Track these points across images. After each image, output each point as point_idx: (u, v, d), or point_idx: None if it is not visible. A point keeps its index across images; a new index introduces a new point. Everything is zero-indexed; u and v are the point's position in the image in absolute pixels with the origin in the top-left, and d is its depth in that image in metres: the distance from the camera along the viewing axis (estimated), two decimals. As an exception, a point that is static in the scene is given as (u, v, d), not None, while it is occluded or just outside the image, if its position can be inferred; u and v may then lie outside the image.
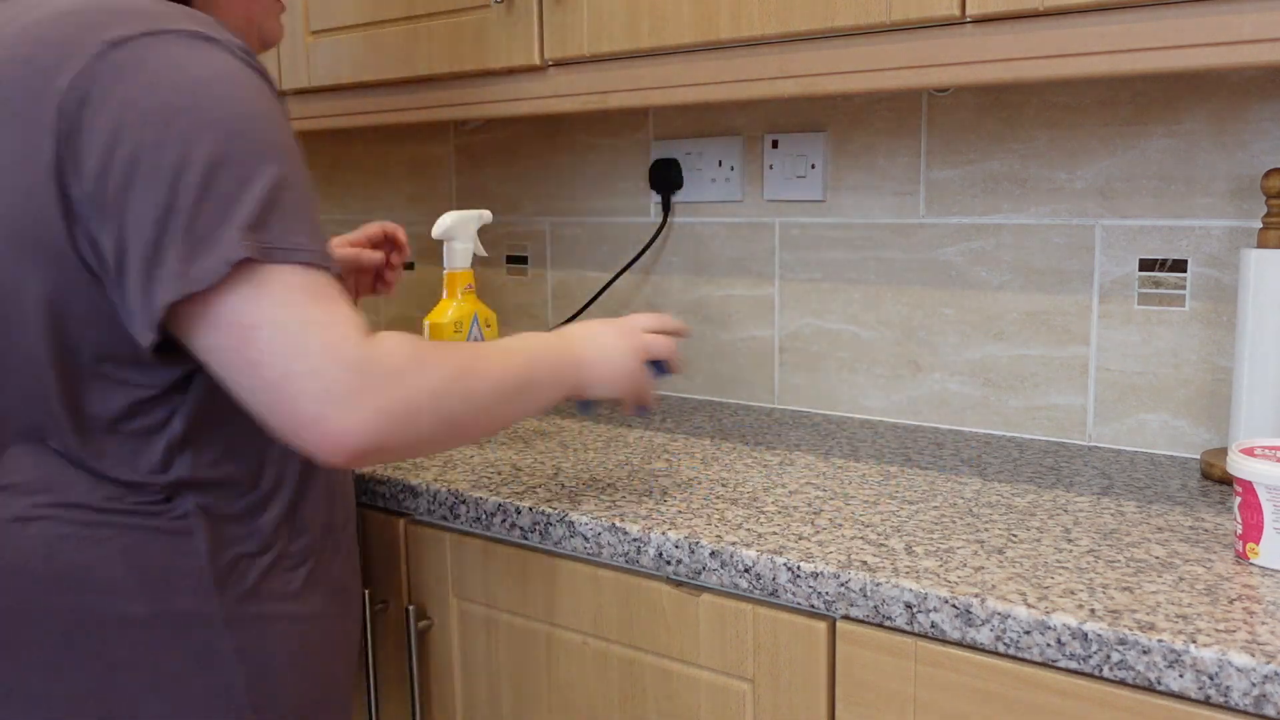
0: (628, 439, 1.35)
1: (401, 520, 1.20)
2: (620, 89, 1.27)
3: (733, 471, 1.19)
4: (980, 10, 1.00)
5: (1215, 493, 1.09)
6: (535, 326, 1.80)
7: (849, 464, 1.22)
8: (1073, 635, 0.78)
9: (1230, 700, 0.72)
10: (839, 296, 1.47)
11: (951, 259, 1.38)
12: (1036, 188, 1.31)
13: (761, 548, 0.94)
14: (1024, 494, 1.09)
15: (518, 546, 1.11)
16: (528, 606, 1.10)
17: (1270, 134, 1.16)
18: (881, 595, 0.86)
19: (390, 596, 1.23)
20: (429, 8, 1.43)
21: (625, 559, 1.01)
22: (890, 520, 1.01)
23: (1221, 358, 1.22)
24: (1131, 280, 1.26)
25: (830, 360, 1.49)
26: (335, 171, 2.07)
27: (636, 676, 1.03)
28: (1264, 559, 0.87)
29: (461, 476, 1.18)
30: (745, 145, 1.53)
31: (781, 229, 1.51)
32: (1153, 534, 0.96)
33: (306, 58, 1.59)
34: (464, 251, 1.33)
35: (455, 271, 1.32)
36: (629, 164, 1.66)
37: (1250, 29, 0.90)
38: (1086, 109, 1.26)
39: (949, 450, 1.28)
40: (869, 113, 1.42)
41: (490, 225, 1.84)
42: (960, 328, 1.38)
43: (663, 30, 1.21)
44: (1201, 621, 0.77)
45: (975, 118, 1.34)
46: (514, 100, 1.38)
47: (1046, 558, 0.90)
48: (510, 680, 1.14)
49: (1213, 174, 1.20)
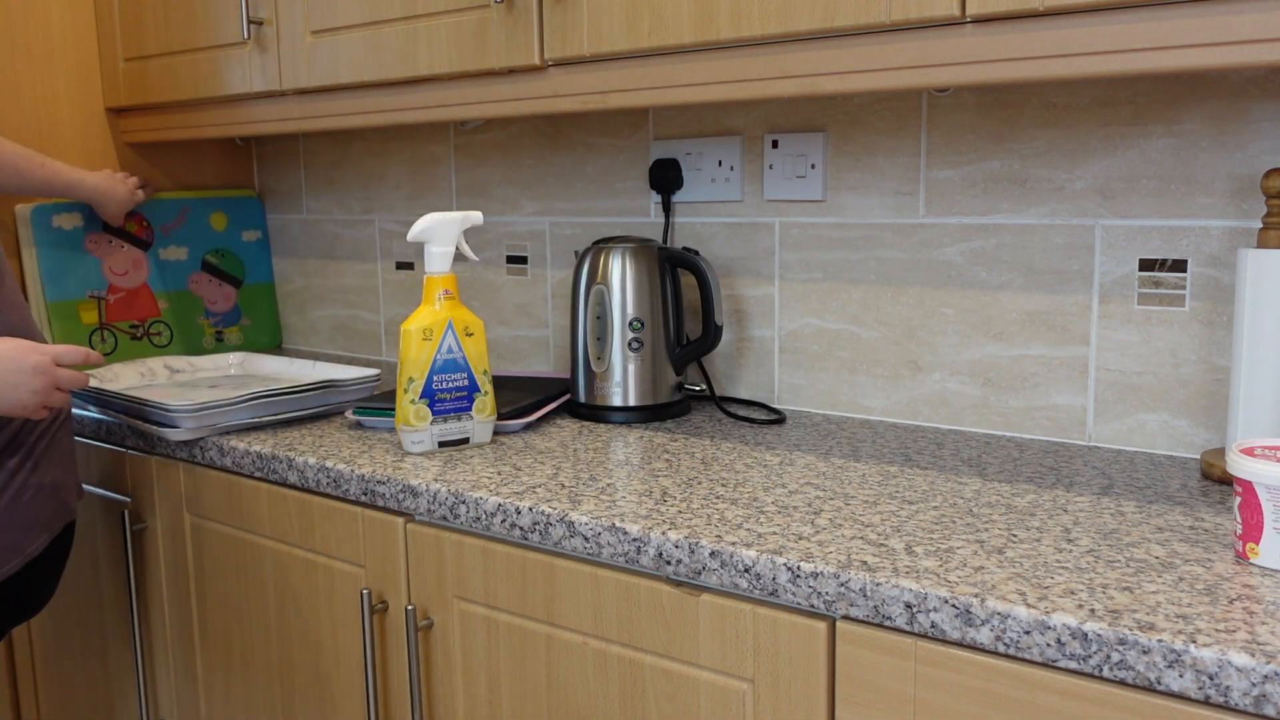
0: (628, 439, 1.35)
1: (401, 520, 1.20)
2: (620, 89, 1.27)
3: (733, 471, 1.19)
4: (980, 10, 1.00)
5: (1215, 493, 1.09)
6: (535, 326, 1.81)
7: (849, 464, 1.22)
8: (1073, 635, 0.78)
9: (1230, 700, 0.72)
10: (839, 296, 1.47)
11: (951, 259, 1.38)
12: (1036, 188, 1.31)
13: (761, 548, 0.94)
14: (1024, 494, 1.09)
15: (518, 546, 1.11)
16: (528, 606, 1.10)
17: (1270, 134, 1.16)
18: (881, 595, 0.86)
19: (390, 596, 1.23)
20: (429, 8, 1.43)
21: (625, 559, 1.01)
22: (890, 520, 1.01)
23: (1222, 358, 1.22)
24: (1131, 280, 1.26)
25: (830, 360, 1.49)
26: (335, 171, 2.07)
27: (636, 676, 1.03)
28: (1264, 559, 0.87)
29: (461, 476, 1.18)
30: (745, 145, 1.53)
31: (781, 229, 1.51)
32: (1153, 534, 0.96)
33: (306, 58, 1.59)
34: (443, 255, 1.30)
35: (433, 276, 1.30)
36: (629, 164, 1.66)
37: (1250, 29, 0.90)
38: (1086, 109, 1.26)
39: (949, 450, 1.28)
40: (869, 113, 1.42)
41: (490, 225, 1.84)
42: (960, 328, 1.38)
43: (663, 30, 1.21)
44: (1201, 621, 0.77)
45: (975, 118, 1.34)
46: (514, 100, 1.38)
47: (1046, 558, 0.90)
48: (510, 680, 1.14)
49: (1213, 174, 1.20)
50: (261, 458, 1.33)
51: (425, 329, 1.28)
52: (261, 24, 1.64)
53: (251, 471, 1.35)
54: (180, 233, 2.03)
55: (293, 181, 2.15)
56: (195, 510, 1.47)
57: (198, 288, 2.06)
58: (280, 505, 1.34)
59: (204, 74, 1.75)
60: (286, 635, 1.38)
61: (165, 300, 2.00)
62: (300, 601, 1.35)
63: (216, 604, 1.47)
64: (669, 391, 1.48)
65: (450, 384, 1.29)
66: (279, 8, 1.62)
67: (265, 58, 1.65)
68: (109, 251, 1.92)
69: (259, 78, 1.66)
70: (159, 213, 2.00)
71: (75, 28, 1.89)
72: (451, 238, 1.31)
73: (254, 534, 1.39)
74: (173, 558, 1.52)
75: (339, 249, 2.09)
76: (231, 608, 1.45)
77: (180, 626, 1.54)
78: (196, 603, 1.50)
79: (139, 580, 1.59)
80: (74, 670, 1.73)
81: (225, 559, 1.44)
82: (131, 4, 1.84)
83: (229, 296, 2.12)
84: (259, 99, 1.70)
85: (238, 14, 1.68)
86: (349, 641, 1.30)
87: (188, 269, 2.05)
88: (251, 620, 1.42)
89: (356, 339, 2.10)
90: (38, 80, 1.84)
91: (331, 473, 1.25)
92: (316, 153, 2.09)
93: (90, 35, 1.91)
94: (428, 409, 1.28)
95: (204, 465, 1.44)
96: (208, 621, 1.49)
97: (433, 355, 1.28)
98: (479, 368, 1.31)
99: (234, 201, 2.13)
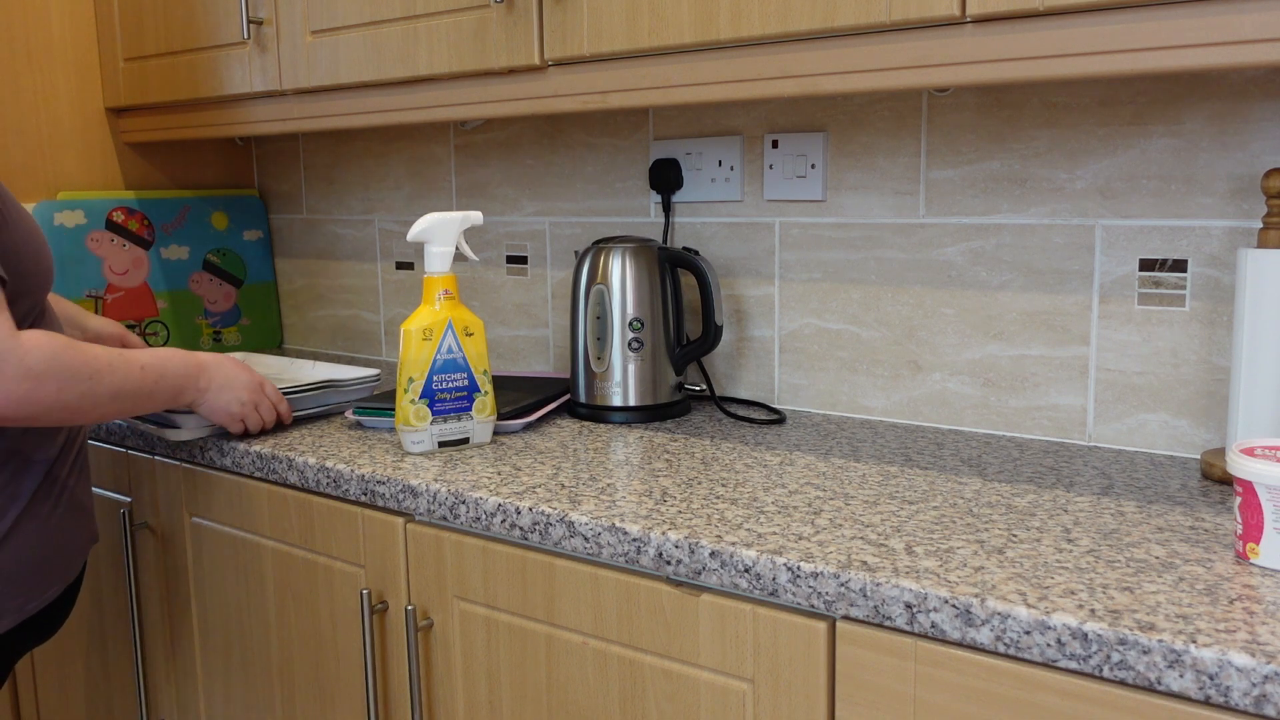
0: (628, 439, 1.35)
1: (401, 520, 1.20)
2: (620, 89, 1.27)
3: (733, 471, 1.19)
4: (980, 10, 1.00)
5: (1215, 493, 1.09)
6: (535, 326, 1.81)
7: (849, 464, 1.22)
8: (1073, 635, 0.78)
9: (1230, 700, 0.72)
10: (839, 296, 1.47)
11: (951, 259, 1.38)
12: (1036, 188, 1.31)
13: (761, 548, 0.94)
14: (1024, 494, 1.09)
15: (518, 546, 1.11)
16: (528, 606, 1.10)
17: (1270, 134, 1.16)
18: (881, 595, 0.86)
19: (390, 596, 1.23)
20: (429, 8, 1.43)
21: (625, 559, 1.01)
22: (890, 520, 1.01)
23: (1222, 358, 1.22)
24: (1132, 280, 1.26)
25: (830, 360, 1.49)
26: (335, 171, 2.07)
27: (636, 676, 1.03)
28: (1264, 559, 0.87)
29: (461, 476, 1.18)
30: (745, 145, 1.53)
31: (781, 229, 1.51)
32: (1153, 534, 0.96)
33: (306, 58, 1.59)
34: (442, 255, 1.30)
35: (433, 276, 1.30)
36: (629, 164, 1.66)
37: (1250, 29, 0.90)
38: (1086, 109, 1.26)
39: (949, 450, 1.28)
40: (869, 113, 1.42)
41: (490, 225, 1.84)
42: (960, 328, 1.38)
43: (663, 30, 1.21)
44: (1201, 621, 0.77)
45: (975, 118, 1.34)
46: (514, 100, 1.38)
47: (1046, 558, 0.90)
48: (510, 680, 1.14)
49: (1213, 174, 1.20)
50: (261, 458, 1.33)
51: (425, 329, 1.28)
52: (261, 24, 1.64)
53: (251, 471, 1.35)
54: (181, 232, 2.03)
55: (293, 181, 2.15)
56: (195, 510, 1.47)
57: (199, 287, 2.06)
58: (280, 505, 1.34)
59: (204, 74, 1.75)
60: (286, 635, 1.38)
61: (164, 300, 2.00)
62: (300, 602, 1.34)
63: (216, 604, 1.47)
64: (669, 391, 1.48)
65: (450, 384, 1.29)
66: (279, 8, 1.62)
67: (265, 58, 1.65)
68: (111, 250, 1.92)
69: (259, 78, 1.66)
70: (160, 212, 2.00)
71: (75, 28, 1.89)
72: (451, 238, 1.31)
73: (254, 534, 1.39)
74: (173, 558, 1.52)
75: (339, 249, 2.09)
76: (231, 608, 1.45)
77: (180, 626, 1.54)
78: (196, 603, 1.50)
79: (139, 580, 1.59)
80: (74, 670, 1.73)
81: (225, 559, 1.44)
82: (131, 4, 1.84)
83: (229, 296, 2.12)
84: (259, 99, 1.70)
85: (238, 14, 1.68)
86: (349, 641, 1.30)
87: (189, 268, 2.05)
88: (251, 620, 1.42)
89: (356, 339, 2.10)
90: (38, 80, 1.84)
91: (331, 473, 1.25)
92: (316, 153, 2.09)
93: (90, 35, 1.91)
94: (428, 409, 1.28)
95: (204, 465, 1.44)
96: (208, 621, 1.49)
97: (433, 355, 1.28)
98: (479, 368, 1.31)
99: (235, 201, 2.13)
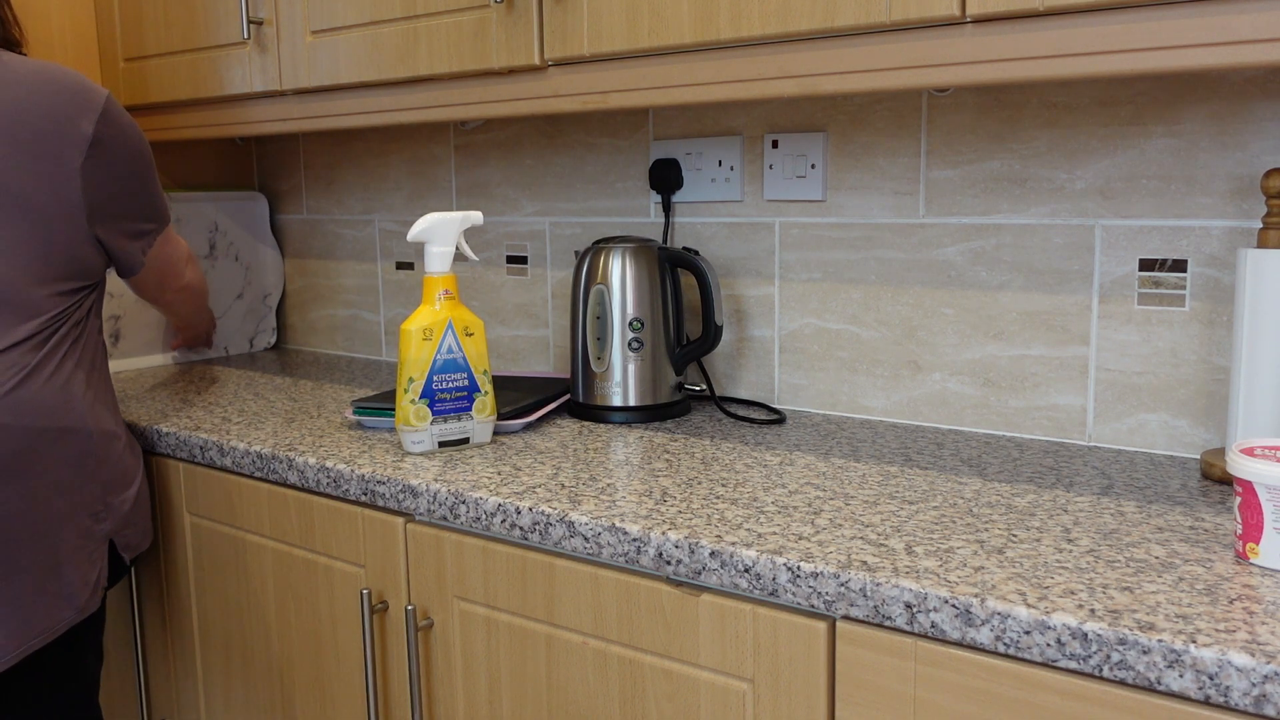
0: (628, 439, 1.35)
1: (401, 520, 1.20)
2: (620, 89, 1.27)
3: (733, 471, 1.19)
4: (980, 10, 1.00)
5: (1215, 493, 1.09)
6: (535, 326, 1.81)
7: (849, 464, 1.22)
8: (1073, 635, 0.78)
9: (1230, 700, 0.72)
10: (839, 296, 1.47)
11: (951, 259, 1.38)
12: (1036, 188, 1.31)
13: (761, 548, 0.94)
14: (1024, 494, 1.09)
15: (518, 546, 1.11)
16: (528, 607, 1.10)
17: (1270, 134, 1.16)
18: (881, 595, 0.86)
19: (390, 596, 1.23)
20: (429, 8, 1.43)
21: (625, 559, 1.01)
22: (890, 520, 1.01)
23: (1222, 358, 1.22)
24: (1131, 280, 1.26)
25: (830, 360, 1.49)
26: (335, 171, 2.07)
27: (636, 676, 1.03)
28: (1264, 559, 0.87)
29: (461, 476, 1.18)
30: (745, 145, 1.53)
31: (781, 229, 1.51)
32: (1153, 534, 0.96)
33: (306, 58, 1.59)
34: (442, 255, 1.30)
35: (433, 276, 1.30)
36: (629, 164, 1.66)
37: (1250, 29, 0.90)
38: (1086, 109, 1.26)
39: (949, 450, 1.28)
40: (869, 113, 1.42)
41: (490, 225, 1.84)
42: (960, 328, 1.38)
43: (663, 30, 1.21)
44: (1201, 621, 0.77)
45: (975, 118, 1.34)
46: (514, 100, 1.38)
47: (1046, 558, 0.90)
48: (510, 680, 1.14)
49: (1213, 174, 1.20)
50: (261, 458, 1.33)
51: (425, 329, 1.28)
52: (261, 24, 1.64)
53: (251, 471, 1.35)
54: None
55: (293, 181, 2.15)
56: (195, 510, 1.47)
57: (198, 288, 2.06)
58: (280, 505, 1.34)
59: (204, 74, 1.75)
60: (286, 635, 1.37)
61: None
62: (300, 601, 1.34)
63: (216, 604, 1.47)
64: (669, 391, 1.48)
65: (450, 384, 1.29)
66: (279, 8, 1.61)
67: (265, 58, 1.65)
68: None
69: (259, 78, 1.66)
70: (159, 213, 2.00)
71: (75, 28, 1.89)
72: (451, 238, 1.31)
73: (254, 534, 1.39)
74: (172, 558, 1.52)
75: (339, 249, 2.09)
76: (231, 608, 1.45)
77: (180, 626, 1.54)
78: (196, 603, 1.50)
79: (138, 580, 1.59)
80: (74, 670, 1.73)
81: (225, 559, 1.44)
82: (131, 4, 1.84)
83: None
84: (259, 99, 1.70)
85: (238, 14, 1.67)
86: (349, 641, 1.30)
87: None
88: (251, 620, 1.42)
89: (356, 339, 2.10)
90: (38, 80, 1.84)
91: (331, 473, 1.25)
92: (316, 153, 2.09)
93: (90, 35, 1.91)
94: (428, 409, 1.28)
95: (204, 465, 1.44)
96: (208, 621, 1.49)
97: (433, 355, 1.28)
98: (479, 368, 1.31)
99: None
